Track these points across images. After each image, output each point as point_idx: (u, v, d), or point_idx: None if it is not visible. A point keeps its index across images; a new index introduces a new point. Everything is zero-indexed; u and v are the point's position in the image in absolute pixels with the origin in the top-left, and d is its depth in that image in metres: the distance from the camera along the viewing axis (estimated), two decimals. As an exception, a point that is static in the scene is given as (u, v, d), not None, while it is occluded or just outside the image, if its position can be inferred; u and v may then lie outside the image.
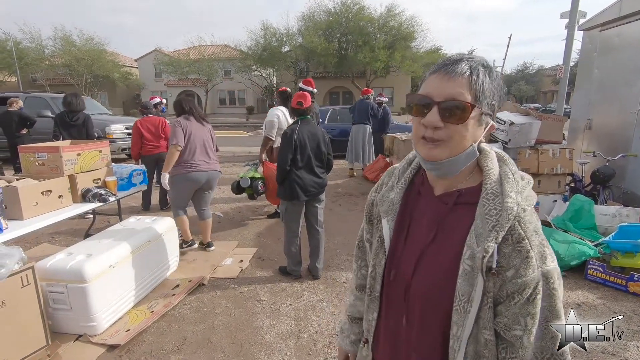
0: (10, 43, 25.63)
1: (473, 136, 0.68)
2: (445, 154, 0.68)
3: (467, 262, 0.64)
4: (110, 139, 7.62)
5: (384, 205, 0.81)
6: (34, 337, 2.11)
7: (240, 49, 25.51)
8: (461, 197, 0.71)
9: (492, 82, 0.67)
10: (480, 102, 0.66)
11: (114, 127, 8.23)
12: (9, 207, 2.39)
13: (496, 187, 0.66)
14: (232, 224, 4.41)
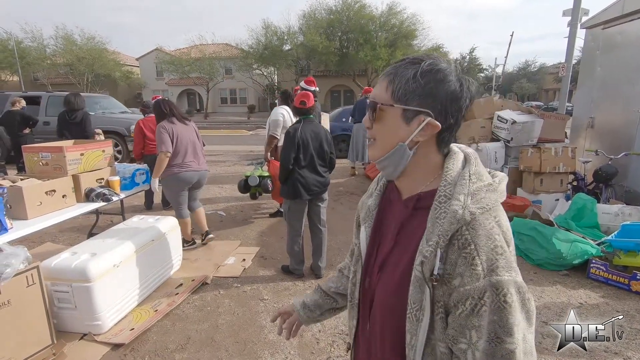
0: (11, 42, 25.67)
1: (397, 135, 0.67)
2: (377, 152, 0.71)
3: (417, 269, 0.62)
4: (133, 137, 7.57)
5: (363, 211, 0.83)
6: (39, 336, 2.12)
7: (242, 48, 25.50)
8: (421, 200, 0.70)
9: (424, 80, 0.64)
10: (401, 101, 0.65)
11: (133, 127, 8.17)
12: (13, 206, 2.40)
13: (449, 189, 0.64)
14: (235, 223, 4.43)
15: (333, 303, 1.02)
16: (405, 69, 0.66)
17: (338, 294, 1.01)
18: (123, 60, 31.12)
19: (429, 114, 0.65)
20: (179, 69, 27.27)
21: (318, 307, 1.02)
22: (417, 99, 0.65)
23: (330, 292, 1.02)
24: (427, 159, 0.70)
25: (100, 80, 28.39)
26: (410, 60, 0.67)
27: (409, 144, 0.67)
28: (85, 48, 26.64)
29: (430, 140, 0.68)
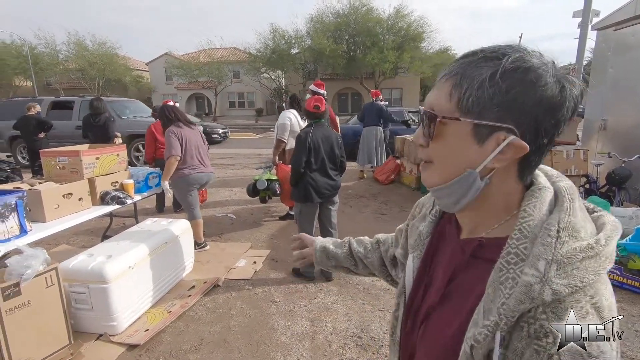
0: (25, 48, 26.25)
1: (465, 158, 0.50)
2: (434, 178, 0.55)
3: (467, 345, 0.48)
4: None
5: (412, 237, 0.69)
6: (57, 335, 2.17)
7: (249, 52, 25.72)
8: (482, 248, 0.54)
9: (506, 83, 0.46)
10: (471, 113, 0.48)
11: None
12: (32, 209, 2.46)
13: (524, 246, 0.46)
14: (245, 226, 4.46)
15: (352, 265, 0.96)
16: (478, 68, 0.48)
17: (362, 262, 0.94)
18: (133, 65, 31.59)
19: (513, 130, 0.47)
20: (187, 74, 27.61)
21: (336, 259, 0.97)
22: (495, 110, 0.47)
23: (355, 255, 0.95)
24: (501, 191, 0.52)
25: (111, 84, 28.87)
26: (486, 55, 0.49)
27: (482, 171, 0.50)
28: (97, 53, 27.12)
29: (510, 166, 0.50)
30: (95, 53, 27.10)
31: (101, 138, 5.21)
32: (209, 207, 5.20)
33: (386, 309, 2.62)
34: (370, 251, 0.94)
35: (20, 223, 2.23)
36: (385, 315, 2.55)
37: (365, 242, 0.97)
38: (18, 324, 1.96)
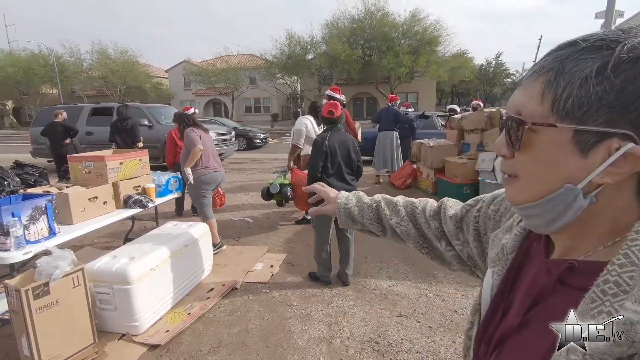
0: (52, 58, 27.35)
1: (563, 172, 0.42)
2: (521, 195, 0.46)
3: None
4: None
5: (494, 249, 0.59)
6: (83, 334, 2.24)
7: (266, 58, 26.07)
8: (573, 273, 0.44)
9: (620, 78, 0.37)
10: (571, 117, 0.40)
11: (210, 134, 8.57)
12: (60, 212, 2.56)
13: (630, 275, 0.37)
14: (262, 230, 4.51)
15: (379, 231, 0.86)
16: (580, 61, 0.40)
17: (392, 230, 0.84)
18: (153, 72, 32.48)
19: (631, 137, 0.38)
20: (205, 80, 28.18)
21: (362, 224, 0.88)
22: (604, 113, 0.38)
23: (385, 222, 0.84)
24: (610, 210, 0.42)
25: (132, 91, 29.71)
26: (590, 44, 0.40)
27: (585, 187, 0.41)
28: (119, 61, 28.03)
29: (625, 180, 0.40)
30: (117, 61, 28.01)
31: (129, 141, 5.75)
32: (226, 211, 5.28)
33: (403, 315, 2.61)
34: (405, 219, 0.83)
35: (50, 225, 2.33)
36: (403, 322, 2.53)
37: (399, 208, 0.84)
38: (47, 322, 2.04)
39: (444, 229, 0.78)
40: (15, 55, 28.96)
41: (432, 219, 0.81)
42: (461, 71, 25.98)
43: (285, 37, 24.71)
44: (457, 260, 0.78)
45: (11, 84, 28.81)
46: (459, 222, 0.75)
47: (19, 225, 2.12)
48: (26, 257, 2.14)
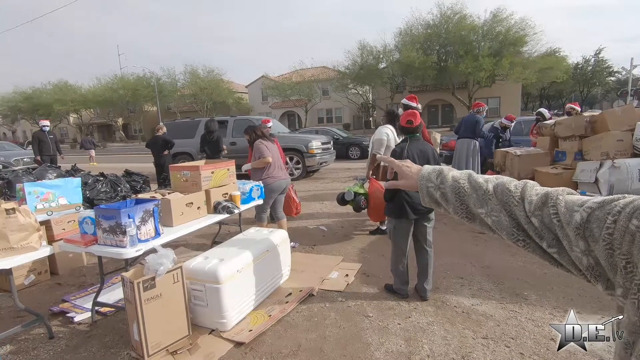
0: (153, 80, 31.34)
1: None
2: None
3: None
4: (311, 154, 8.88)
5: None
6: (180, 326, 2.49)
7: (338, 69, 26.63)
8: None
9: None
10: None
11: (315, 143, 9.10)
12: (163, 215, 2.91)
13: None
14: (336, 238, 4.57)
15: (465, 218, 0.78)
16: None
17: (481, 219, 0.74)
18: (235, 88, 35.31)
19: None
20: (281, 93, 29.78)
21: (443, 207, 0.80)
22: None
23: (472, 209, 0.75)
24: None
25: (216, 106, 32.64)
26: None
27: None
28: (206, 80, 31.07)
29: None
30: (205, 80, 31.08)
31: (215, 151, 6.77)
32: (302, 219, 5.47)
33: (490, 337, 2.42)
34: (496, 209, 0.72)
35: (156, 226, 2.65)
36: (489, 344, 2.34)
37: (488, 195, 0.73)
38: (152, 312, 2.31)
39: (557, 232, 0.64)
40: (125, 79, 33.83)
41: (534, 215, 0.67)
42: (552, 72, 23.44)
43: (358, 47, 25.01)
44: (567, 262, 0.65)
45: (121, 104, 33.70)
46: (580, 229, 0.60)
47: (133, 226, 2.45)
48: (138, 254, 2.46)
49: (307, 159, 8.95)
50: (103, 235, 2.48)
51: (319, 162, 9.21)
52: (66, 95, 34.82)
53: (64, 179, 3.94)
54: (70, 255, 3.89)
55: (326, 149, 9.64)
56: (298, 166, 9.11)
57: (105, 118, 38.50)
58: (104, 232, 2.46)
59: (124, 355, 2.40)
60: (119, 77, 34.51)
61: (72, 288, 3.54)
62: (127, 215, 2.41)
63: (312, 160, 9.01)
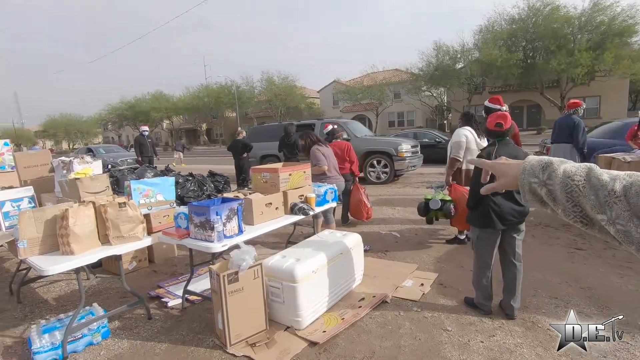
0: (234, 88, 33.76)
1: None
2: None
3: None
4: (401, 157, 8.59)
5: None
6: (258, 320, 2.62)
7: (411, 71, 25.90)
8: None
9: None
10: None
11: (404, 146, 8.75)
12: (245, 214, 3.09)
13: None
14: (409, 246, 4.42)
15: (579, 222, 0.66)
16: None
17: (601, 227, 0.62)
18: (307, 93, 36.42)
19: None
20: (352, 97, 29.90)
21: (550, 208, 0.69)
22: None
23: (590, 214, 0.62)
24: None
25: (289, 111, 33.99)
26: None
27: None
28: (281, 86, 32.54)
29: None
30: (280, 86, 32.58)
31: (292, 153, 7.29)
32: (373, 224, 5.40)
33: (593, 369, 2.11)
34: (624, 216, 0.57)
35: (239, 224, 2.82)
36: (593, 377, 2.05)
37: (613, 198, 0.58)
38: (235, 305, 2.47)
39: None
40: (209, 88, 37.00)
41: None
42: None
43: (433, 48, 24.04)
44: None
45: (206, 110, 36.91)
46: None
47: (220, 223, 2.64)
48: (223, 249, 2.64)
49: (396, 162, 8.62)
50: (194, 230, 2.72)
51: (408, 166, 8.84)
52: (161, 104, 39.26)
53: (160, 178, 4.40)
54: (164, 246, 4.34)
55: (415, 152, 9.29)
56: (385, 169, 8.84)
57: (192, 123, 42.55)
58: (195, 227, 2.70)
59: (209, 342, 2.60)
60: (204, 86, 37.88)
61: (165, 276, 3.94)
62: (216, 213, 2.61)
63: (402, 164, 8.65)
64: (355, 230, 3.76)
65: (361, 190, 5.30)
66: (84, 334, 2.63)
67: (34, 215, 2.57)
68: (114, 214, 2.70)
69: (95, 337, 2.67)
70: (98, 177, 3.30)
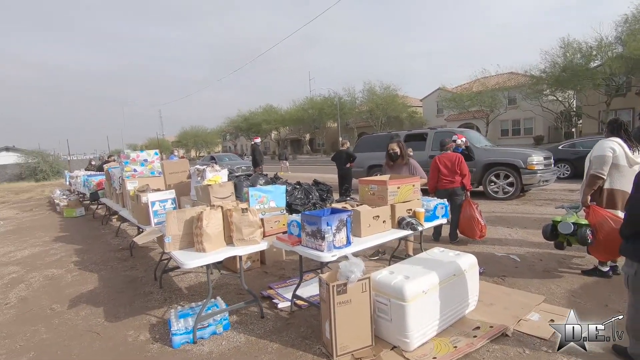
0: (336, 99, 34.91)
1: None
2: None
3: None
4: (530, 170, 7.68)
5: None
6: (364, 335, 2.58)
7: (531, 74, 23.09)
8: None
9: None
10: None
11: (535, 158, 7.82)
12: (353, 226, 3.10)
13: None
14: (533, 273, 3.87)
15: None
16: None
17: None
18: (410, 102, 35.50)
19: None
20: (459, 105, 28.03)
21: None
22: None
23: None
24: None
25: (390, 121, 33.57)
26: None
27: None
28: (383, 96, 32.40)
29: None
30: (381, 96, 32.47)
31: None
32: (486, 244, 4.91)
33: None
34: None
35: (347, 235, 2.85)
36: None
37: None
38: (342, 316, 2.48)
39: None
40: (314, 100, 38.99)
41: None
42: None
43: (560, 46, 21.02)
44: None
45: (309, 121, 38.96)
46: None
47: (331, 233, 2.70)
48: (333, 259, 2.69)
49: (525, 176, 7.67)
50: (306, 238, 2.83)
51: (540, 180, 7.74)
52: (270, 116, 42.86)
53: (274, 186, 4.75)
54: (274, 249, 4.64)
55: (548, 165, 8.11)
56: (508, 180, 7.86)
57: (296, 134, 45.33)
58: (307, 235, 2.81)
59: (316, 349, 2.66)
60: (308, 98, 40.06)
61: (275, 278, 4.21)
62: (327, 223, 2.68)
63: (531, 178, 7.65)
64: (466, 250, 3.48)
65: (473, 205, 4.88)
66: (209, 323, 2.96)
67: (177, 216, 3.01)
68: (238, 218, 3.00)
69: (218, 328, 2.98)
70: (225, 184, 3.71)
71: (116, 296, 3.94)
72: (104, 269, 4.91)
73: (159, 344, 2.89)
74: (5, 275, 4.95)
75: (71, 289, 4.27)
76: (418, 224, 3.34)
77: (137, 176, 4.83)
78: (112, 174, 5.73)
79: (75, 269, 5.03)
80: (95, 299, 3.90)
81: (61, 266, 5.19)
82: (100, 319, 3.41)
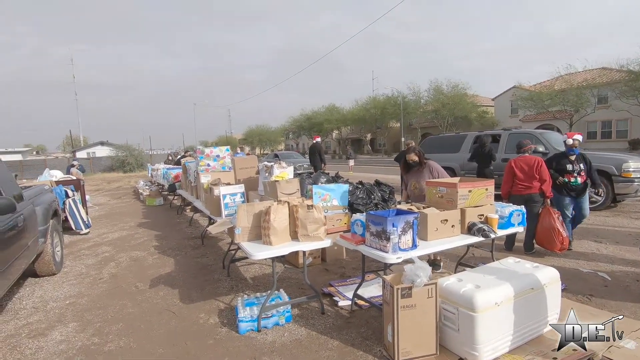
0: (400, 99, 34.06)
1: None
2: None
3: None
4: (626, 178, 6.78)
5: None
6: (429, 342, 2.48)
7: (628, 69, 20.34)
8: None
9: None
10: None
11: (632, 164, 6.87)
12: (419, 229, 3.00)
13: None
14: (627, 295, 3.40)
15: None
16: None
17: None
18: (480, 102, 33.36)
19: None
20: (537, 104, 25.64)
21: None
22: None
23: None
24: None
25: (457, 121, 31.85)
26: None
27: None
28: (450, 95, 30.88)
29: None
30: (448, 95, 30.97)
31: (486, 162, 7.42)
32: (568, 257, 4.44)
33: None
34: None
35: (413, 238, 2.76)
36: None
37: None
38: (406, 320, 2.41)
39: None
40: (376, 100, 38.49)
41: None
42: None
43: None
44: None
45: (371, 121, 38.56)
46: None
47: (396, 234, 2.63)
48: (398, 261, 2.63)
49: (618, 185, 6.82)
50: (370, 238, 2.80)
51: (637, 190, 6.81)
52: (332, 116, 43.24)
53: (337, 184, 4.77)
54: (335, 247, 4.68)
55: (638, 171, 7.00)
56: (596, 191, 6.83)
57: (357, 133, 45.18)
58: (371, 235, 2.78)
59: (376, 351, 2.62)
60: (371, 98, 39.65)
61: (335, 275, 4.23)
62: (392, 224, 2.62)
63: (626, 187, 6.77)
64: (542, 262, 3.16)
65: (554, 215, 4.43)
66: (273, 314, 3.07)
67: (247, 209, 3.17)
68: (304, 215, 3.06)
69: (281, 319, 3.08)
70: (291, 181, 3.82)
71: (190, 280, 4.28)
72: (179, 255, 5.36)
73: (226, 328, 3.07)
74: (100, 254, 5.64)
75: (152, 270, 4.73)
76: (491, 230, 3.12)
77: (210, 170, 5.17)
78: (189, 168, 6.22)
79: (156, 252, 5.56)
80: (172, 281, 4.27)
81: (144, 249, 5.77)
82: (176, 300, 3.73)
